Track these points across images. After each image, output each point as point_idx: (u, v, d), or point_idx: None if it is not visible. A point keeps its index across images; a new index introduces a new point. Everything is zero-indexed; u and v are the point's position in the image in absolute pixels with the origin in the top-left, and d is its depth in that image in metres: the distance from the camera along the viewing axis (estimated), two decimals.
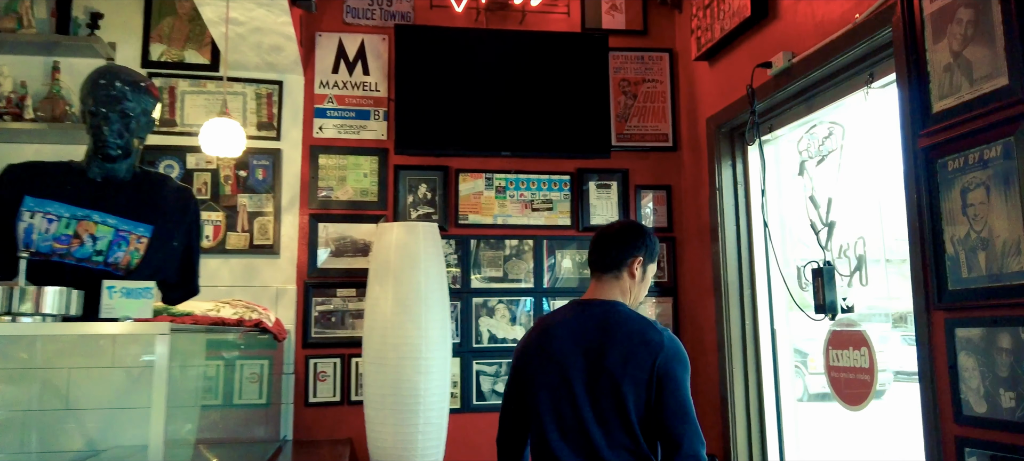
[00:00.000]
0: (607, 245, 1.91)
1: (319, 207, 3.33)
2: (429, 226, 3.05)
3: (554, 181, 3.52)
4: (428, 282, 2.96)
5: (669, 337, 1.77)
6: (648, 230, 1.95)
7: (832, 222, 2.53)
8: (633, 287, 1.90)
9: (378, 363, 2.92)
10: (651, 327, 1.79)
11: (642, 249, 1.89)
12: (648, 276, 1.94)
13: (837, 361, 2.55)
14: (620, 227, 2.00)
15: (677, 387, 1.71)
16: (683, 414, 1.69)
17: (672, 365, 1.72)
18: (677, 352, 1.76)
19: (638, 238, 1.90)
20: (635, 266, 1.88)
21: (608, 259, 1.89)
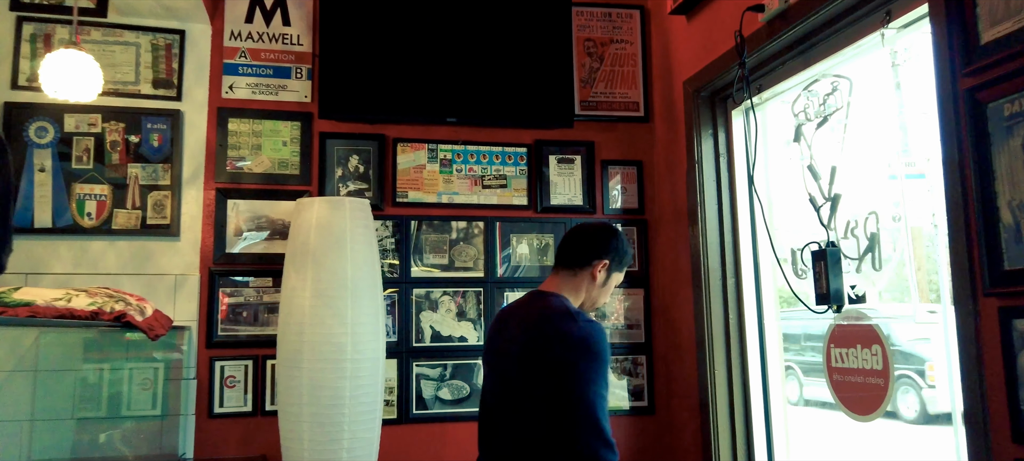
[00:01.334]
0: (576, 240, 1.88)
1: (228, 181, 2.82)
2: (359, 202, 2.57)
3: (509, 154, 3.07)
4: (356, 269, 2.49)
5: (583, 328, 1.67)
6: (623, 238, 1.91)
7: (836, 195, 2.14)
8: (592, 289, 1.85)
9: (293, 365, 2.44)
10: (568, 318, 1.70)
11: (611, 254, 1.85)
12: (610, 284, 1.89)
13: (841, 361, 2.16)
14: (595, 226, 1.93)
15: (575, 381, 1.61)
16: (580, 412, 1.58)
17: (574, 355, 1.64)
18: (583, 342, 1.65)
19: (609, 241, 1.86)
20: (598, 269, 1.84)
21: (572, 255, 1.86)
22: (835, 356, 2.18)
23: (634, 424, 3.05)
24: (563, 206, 3.09)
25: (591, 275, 1.83)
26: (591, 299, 1.86)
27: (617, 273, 1.88)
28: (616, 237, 1.88)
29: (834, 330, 2.18)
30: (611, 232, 1.89)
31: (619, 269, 1.88)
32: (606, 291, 1.88)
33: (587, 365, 1.62)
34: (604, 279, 1.85)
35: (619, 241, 1.88)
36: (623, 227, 3.16)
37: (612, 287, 1.90)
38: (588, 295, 1.85)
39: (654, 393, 3.09)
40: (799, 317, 3.03)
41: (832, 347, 2.19)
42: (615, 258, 1.85)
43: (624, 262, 1.89)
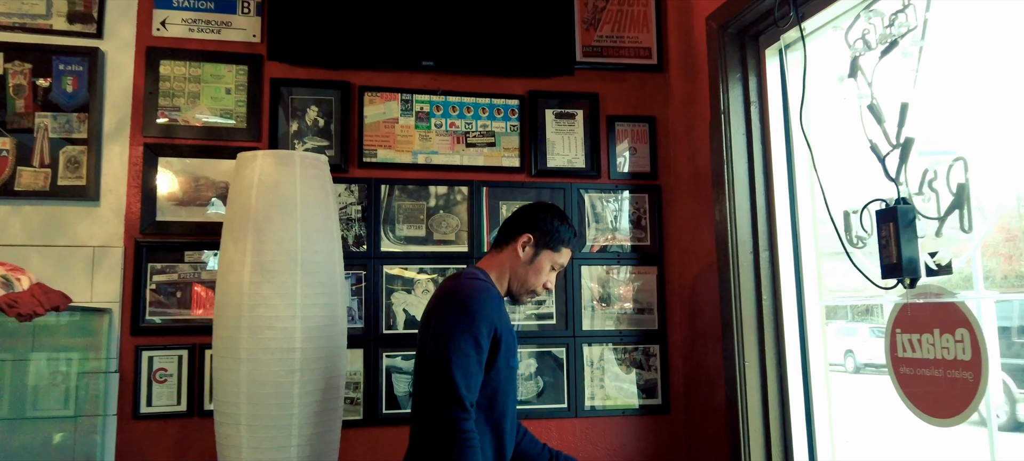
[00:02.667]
0: (509, 217, 1.90)
1: (160, 135, 2.40)
2: (314, 158, 2.16)
3: (497, 107, 2.65)
4: (309, 239, 2.08)
5: (461, 284, 1.70)
6: (560, 219, 1.86)
7: (907, 140, 1.73)
8: (516, 266, 1.82)
9: (230, 356, 2.04)
10: (458, 279, 1.74)
11: (537, 228, 1.81)
12: (541, 265, 1.83)
13: (911, 350, 1.76)
14: (533, 203, 1.97)
15: (436, 333, 1.62)
16: (434, 364, 1.60)
17: (442, 308, 1.66)
18: (453, 294, 1.67)
19: (538, 216, 1.84)
20: (519, 243, 1.81)
21: (501, 231, 1.88)
22: (902, 344, 1.78)
23: (645, 425, 2.65)
24: (562, 169, 2.68)
25: (514, 251, 1.81)
26: (519, 279, 1.82)
27: (549, 252, 1.82)
28: (549, 214, 1.84)
29: (901, 311, 1.77)
30: (546, 209, 1.87)
31: (550, 247, 1.82)
32: (535, 272, 1.82)
33: (451, 317, 1.62)
34: (531, 256, 1.81)
35: (552, 218, 1.83)
36: (632, 194, 2.74)
37: (546, 270, 1.83)
38: (513, 273, 1.81)
39: (669, 389, 2.68)
40: (848, 298, 2.62)
41: (898, 333, 1.79)
42: (543, 234, 1.81)
43: (556, 241, 1.82)
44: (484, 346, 1.62)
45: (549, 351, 2.61)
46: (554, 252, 1.83)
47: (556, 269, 1.86)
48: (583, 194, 2.70)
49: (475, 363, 1.60)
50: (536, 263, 1.82)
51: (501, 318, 1.68)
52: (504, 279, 1.83)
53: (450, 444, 1.53)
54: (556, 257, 1.84)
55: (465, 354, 1.58)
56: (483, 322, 1.62)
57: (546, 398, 2.58)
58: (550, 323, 2.62)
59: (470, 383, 1.58)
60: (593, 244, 2.69)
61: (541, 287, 1.84)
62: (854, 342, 5.65)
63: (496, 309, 1.67)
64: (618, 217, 2.72)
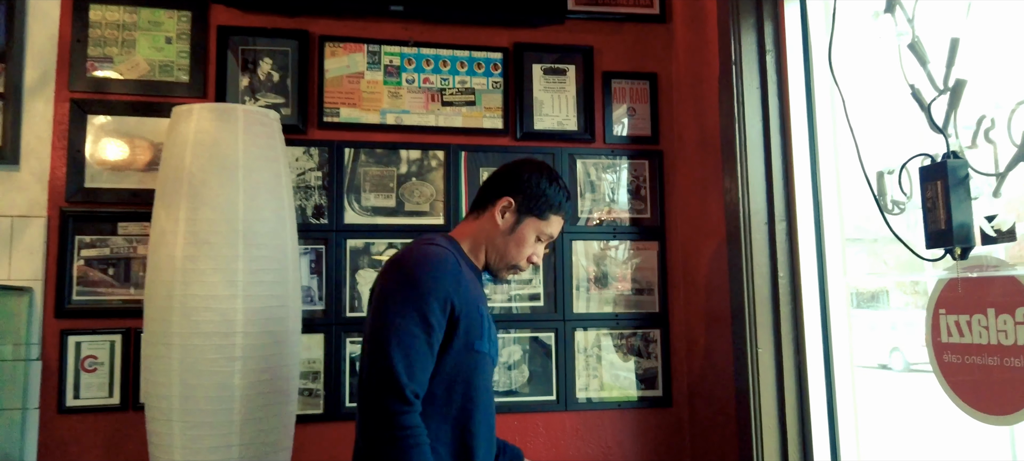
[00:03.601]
0: (488, 178, 1.63)
1: (89, 90, 2.15)
2: (260, 113, 1.91)
3: (478, 61, 2.39)
4: (253, 206, 1.84)
5: (410, 250, 1.45)
6: (547, 177, 1.58)
7: (958, 83, 1.46)
8: (494, 235, 1.56)
9: (161, 341, 1.80)
10: (411, 246, 1.48)
11: (519, 190, 1.56)
12: (525, 233, 1.57)
13: (956, 334, 1.52)
14: (516, 161, 1.65)
15: (376, 305, 1.39)
16: (372, 347, 1.34)
17: (386, 280, 1.41)
18: (399, 263, 1.42)
19: (517, 176, 1.57)
20: (498, 209, 1.55)
21: (479, 194, 1.62)
22: (946, 326, 1.53)
23: (644, 420, 2.40)
24: (551, 132, 2.41)
25: (492, 217, 1.55)
26: (497, 251, 1.56)
27: (534, 220, 1.56)
28: (535, 173, 1.57)
29: (946, 288, 1.51)
30: (532, 166, 1.59)
31: (536, 214, 1.56)
32: (517, 243, 1.56)
33: (394, 290, 1.36)
34: (512, 224, 1.55)
35: (538, 178, 1.56)
36: (631, 161, 2.48)
37: (530, 240, 1.57)
38: (491, 244, 1.56)
39: (671, 379, 2.43)
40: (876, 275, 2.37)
41: (942, 314, 1.54)
42: (527, 198, 1.54)
43: (543, 207, 1.56)
44: (435, 325, 1.34)
45: (536, 337, 2.36)
46: (540, 220, 1.56)
47: (543, 240, 1.59)
48: (575, 160, 2.44)
49: (423, 345, 1.33)
50: (518, 232, 1.54)
51: (461, 291, 1.39)
52: (480, 250, 1.56)
53: (388, 443, 1.27)
54: (543, 226, 1.57)
55: (409, 334, 1.31)
56: (433, 295, 1.35)
57: (533, 389, 2.34)
58: (538, 305, 2.37)
59: (414, 370, 1.31)
60: (587, 218, 2.43)
61: (524, 261, 1.57)
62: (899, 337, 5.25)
63: (453, 281, 1.38)
64: (615, 187, 2.46)
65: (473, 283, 1.47)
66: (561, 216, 1.59)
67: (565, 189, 1.59)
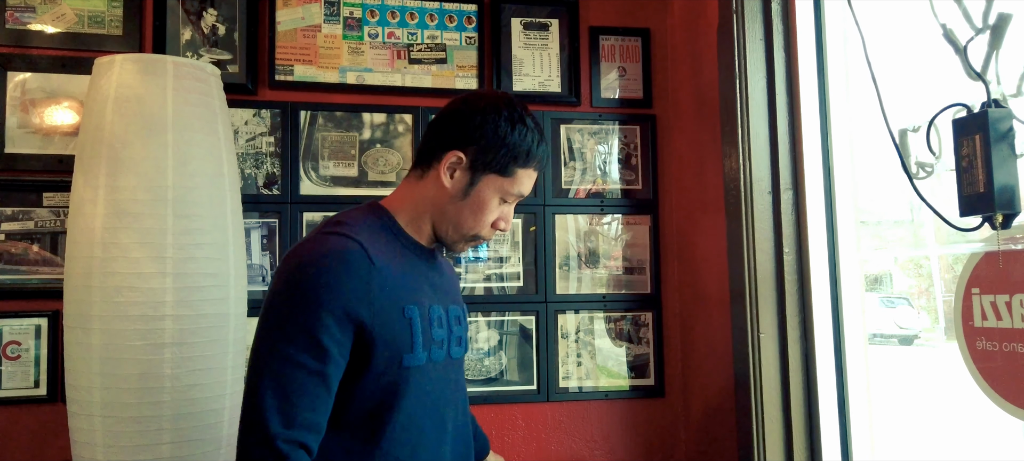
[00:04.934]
0: (433, 120, 1.23)
1: (9, 43, 1.93)
2: (193, 66, 1.69)
3: (450, 13, 2.16)
4: (186, 172, 1.63)
5: (305, 245, 1.07)
6: (501, 114, 1.16)
7: (1001, 18, 1.25)
8: (444, 201, 1.18)
9: (79, 326, 1.60)
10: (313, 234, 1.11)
11: (464, 140, 1.16)
12: (483, 197, 1.18)
13: (992, 317, 1.32)
14: (465, 99, 1.22)
15: (259, 322, 1.04)
16: (247, 377, 1.01)
17: (272, 286, 1.06)
18: (287, 263, 1.05)
19: (463, 121, 1.17)
20: (445, 165, 1.16)
21: (422, 144, 1.22)
22: (981, 308, 1.32)
23: (634, 410, 2.20)
24: (532, 94, 2.19)
25: (437, 177, 1.17)
26: (448, 218, 1.19)
27: (495, 178, 1.17)
28: (489, 112, 1.17)
29: (982, 264, 1.31)
30: (483, 102, 1.18)
31: (495, 169, 1.17)
32: (474, 208, 1.18)
33: (275, 301, 1.03)
34: (464, 186, 1.17)
35: (492, 119, 1.16)
36: (621, 126, 2.26)
37: (492, 204, 1.19)
38: (439, 211, 1.19)
39: (664, 367, 2.23)
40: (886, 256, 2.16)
41: (975, 294, 1.33)
42: (480, 149, 1.16)
43: (504, 158, 1.16)
44: (331, 347, 1.00)
45: (515, 320, 2.15)
46: (503, 176, 1.17)
47: (510, 201, 1.21)
48: (559, 126, 2.22)
49: (310, 376, 0.99)
50: (474, 196, 1.16)
51: (374, 297, 1.04)
52: (424, 220, 1.19)
53: None
54: (507, 184, 1.18)
55: (289, 362, 0.98)
56: (328, 309, 1.00)
57: (510, 378, 2.13)
58: (516, 285, 2.16)
59: (294, 412, 0.97)
60: (575, 189, 2.22)
61: (487, 230, 1.20)
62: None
63: (359, 285, 1.03)
64: (603, 156, 2.25)
65: (404, 274, 1.13)
66: (533, 167, 1.20)
67: (535, 128, 1.19)
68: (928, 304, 2.66)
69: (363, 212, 1.18)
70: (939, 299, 2.04)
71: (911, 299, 3.05)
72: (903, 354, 3.24)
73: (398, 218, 1.19)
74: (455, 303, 1.26)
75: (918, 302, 2.87)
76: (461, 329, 1.25)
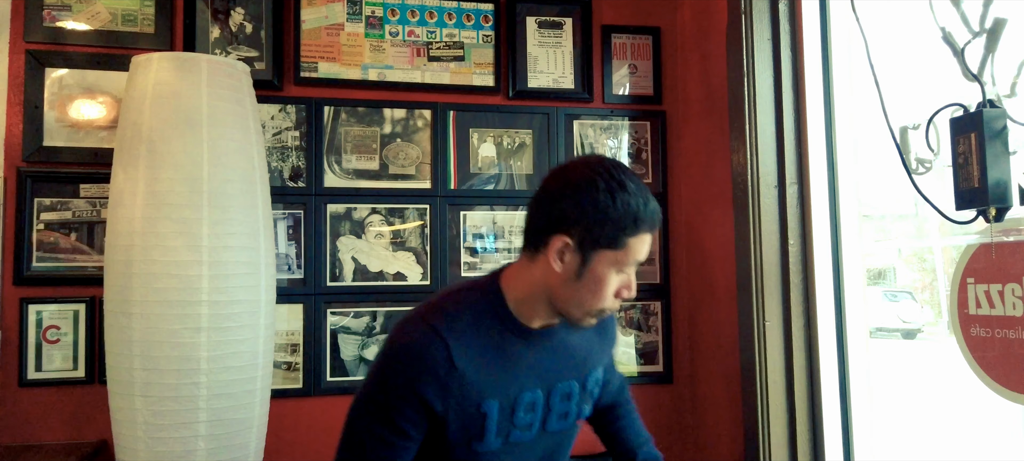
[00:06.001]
0: (533, 201, 1.17)
1: (47, 41, 2.01)
2: (226, 63, 1.77)
3: (467, 12, 2.24)
4: (220, 164, 1.71)
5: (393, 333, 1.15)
6: (601, 187, 1.09)
7: (997, 22, 1.32)
8: (558, 285, 1.13)
9: (121, 311, 1.69)
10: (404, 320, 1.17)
11: (567, 223, 1.10)
12: (599, 273, 1.11)
13: (986, 305, 1.39)
14: (563, 172, 1.16)
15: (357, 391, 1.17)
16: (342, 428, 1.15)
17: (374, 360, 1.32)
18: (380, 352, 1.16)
19: (564, 201, 1.11)
20: (552, 252, 1.11)
21: (527, 226, 1.18)
22: (975, 297, 1.40)
23: (643, 396, 2.28)
24: (546, 90, 2.27)
25: (547, 263, 1.12)
26: (566, 300, 1.14)
27: (608, 253, 1.10)
28: (587, 187, 1.09)
29: (976, 255, 1.39)
30: (581, 175, 1.11)
31: (605, 245, 1.10)
32: (593, 287, 1.12)
33: (370, 377, 1.14)
34: (577, 268, 1.10)
35: (591, 193, 1.09)
36: (632, 122, 2.33)
37: (610, 279, 1.12)
38: (555, 294, 1.14)
39: (672, 354, 2.31)
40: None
41: (970, 283, 1.41)
42: (585, 228, 1.09)
43: (613, 232, 1.09)
44: (405, 426, 1.10)
45: None
46: (616, 249, 1.10)
47: (627, 271, 1.14)
48: (572, 122, 2.30)
49: (383, 447, 1.10)
50: (589, 275, 1.11)
51: (450, 392, 1.10)
52: (539, 304, 1.16)
53: None
54: (621, 256, 1.11)
55: (366, 431, 1.11)
56: (406, 397, 1.08)
57: None
58: None
59: None
60: None
61: (610, 301, 1.14)
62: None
63: (437, 382, 1.08)
64: (614, 150, 2.32)
65: (493, 367, 1.14)
66: (644, 231, 1.12)
67: (638, 190, 1.11)
68: (931, 298, 2.72)
69: (475, 295, 1.18)
70: (942, 293, 2.11)
71: (914, 293, 3.11)
72: (905, 348, 3.31)
73: (509, 301, 1.16)
74: (569, 379, 1.24)
75: (921, 296, 2.94)
76: (568, 404, 1.23)
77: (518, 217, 2.25)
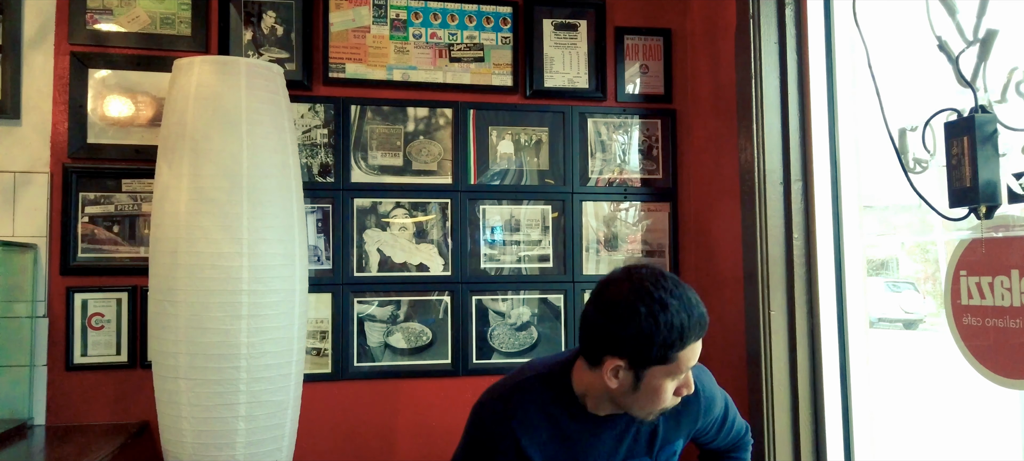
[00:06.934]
0: (585, 320, 1.28)
1: (89, 43, 2.11)
2: (263, 66, 1.87)
3: (487, 15, 2.33)
4: (257, 162, 1.81)
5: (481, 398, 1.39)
6: (644, 317, 1.17)
7: (989, 34, 1.40)
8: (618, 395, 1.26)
9: (166, 299, 1.79)
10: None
11: (618, 350, 1.20)
12: (655, 385, 1.22)
13: (977, 296, 1.48)
14: (611, 297, 1.23)
15: None
16: None
17: None
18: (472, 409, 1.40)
19: (612, 331, 1.20)
20: (606, 372, 1.23)
21: (582, 341, 1.30)
22: (967, 289, 1.49)
23: None
24: (561, 90, 2.36)
25: (602, 378, 1.24)
26: (628, 406, 1.28)
27: (658, 368, 1.20)
28: (631, 316, 1.17)
29: (968, 250, 1.48)
30: (625, 305, 1.18)
31: (655, 362, 1.19)
32: (650, 396, 1.24)
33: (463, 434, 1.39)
34: (631, 384, 1.22)
35: (635, 321, 1.16)
36: (643, 120, 2.43)
37: (666, 387, 1.23)
38: (617, 400, 1.28)
39: None
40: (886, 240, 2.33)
41: (963, 275, 1.50)
42: (634, 352, 1.18)
43: (661, 351, 1.18)
44: None
45: (545, 298, 2.34)
46: (666, 364, 1.20)
47: (678, 377, 1.24)
48: (586, 119, 2.39)
49: None
50: (644, 388, 1.22)
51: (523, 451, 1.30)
52: (603, 400, 1.30)
53: None
54: (672, 368, 1.20)
55: None
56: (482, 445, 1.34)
57: (541, 351, 2.32)
58: (547, 267, 2.34)
59: None
60: (597, 178, 2.39)
61: (669, 401, 1.26)
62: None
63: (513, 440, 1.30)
64: (626, 147, 2.42)
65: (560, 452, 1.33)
66: (692, 341, 1.20)
67: (680, 306, 1.18)
68: (934, 289, 2.80)
69: (548, 384, 1.34)
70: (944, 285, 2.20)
71: (917, 284, 3.19)
72: (907, 338, 3.40)
73: (577, 392, 1.32)
74: (640, 456, 1.39)
75: (924, 287, 3.02)
76: None
77: (534, 211, 2.35)
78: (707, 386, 1.51)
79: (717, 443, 1.61)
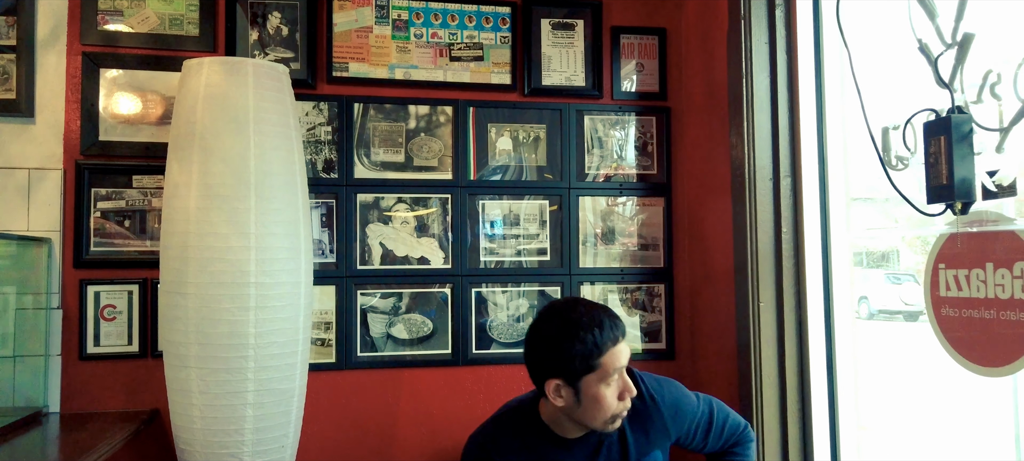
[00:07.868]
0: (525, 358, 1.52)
1: (100, 43, 2.16)
2: (269, 66, 1.92)
3: (486, 15, 2.38)
4: (264, 159, 1.86)
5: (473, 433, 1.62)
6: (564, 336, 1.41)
7: (966, 37, 1.46)
8: (570, 411, 1.46)
9: (177, 291, 1.84)
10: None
11: (551, 371, 1.43)
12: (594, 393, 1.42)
13: (955, 288, 1.54)
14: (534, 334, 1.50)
15: None
16: None
17: None
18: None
19: (541, 356, 1.45)
20: (550, 392, 1.44)
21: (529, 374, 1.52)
22: (945, 281, 1.55)
23: (648, 371, 2.45)
24: (559, 88, 2.42)
25: (552, 400, 1.45)
26: (582, 420, 1.47)
27: (591, 377, 1.41)
28: (549, 341, 1.43)
29: (947, 244, 1.53)
30: (545, 335, 1.45)
31: (585, 372, 1.40)
32: (594, 405, 1.43)
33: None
34: (574, 397, 1.43)
35: (554, 344, 1.41)
36: (638, 117, 2.48)
37: (604, 392, 1.42)
38: (572, 417, 1.48)
39: (675, 332, 2.48)
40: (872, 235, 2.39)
41: (941, 268, 1.56)
42: (564, 369, 1.40)
43: (585, 362, 1.40)
44: None
45: (542, 291, 2.40)
46: (594, 372, 1.40)
47: (613, 380, 1.43)
48: (583, 117, 2.45)
49: None
50: (586, 399, 1.42)
51: None
52: (567, 422, 1.51)
53: None
54: (602, 374, 1.41)
55: None
56: None
57: None
58: (545, 260, 2.40)
59: None
60: (594, 174, 2.45)
61: (616, 406, 1.43)
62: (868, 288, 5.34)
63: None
64: (622, 143, 2.47)
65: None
66: (610, 348, 1.41)
67: (589, 323, 1.40)
68: None
69: (521, 415, 1.57)
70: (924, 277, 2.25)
71: (917, 275, 3.23)
72: (907, 330, 3.45)
73: (545, 420, 1.53)
74: None
75: (924, 279, 3.06)
76: None
77: (532, 205, 2.40)
78: (668, 395, 1.64)
79: (711, 446, 1.71)
